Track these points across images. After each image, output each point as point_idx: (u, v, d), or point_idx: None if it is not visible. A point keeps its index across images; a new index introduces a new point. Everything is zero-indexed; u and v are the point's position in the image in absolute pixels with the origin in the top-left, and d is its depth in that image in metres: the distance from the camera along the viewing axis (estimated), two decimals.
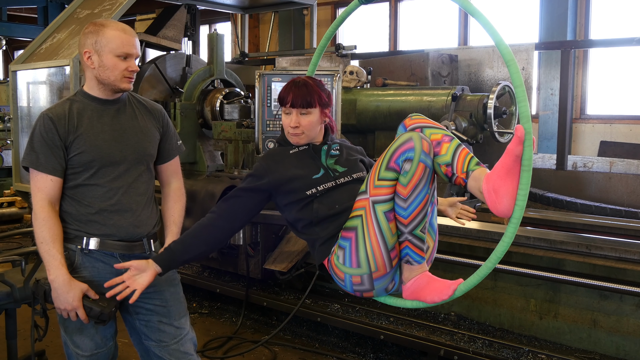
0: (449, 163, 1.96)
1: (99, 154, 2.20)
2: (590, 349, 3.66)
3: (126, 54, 2.20)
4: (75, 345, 2.24)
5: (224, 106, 5.21)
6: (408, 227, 1.95)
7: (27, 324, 4.21)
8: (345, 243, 2.03)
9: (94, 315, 2.13)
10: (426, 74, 5.32)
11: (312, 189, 2.12)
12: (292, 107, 2.16)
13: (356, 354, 4.00)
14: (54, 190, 2.17)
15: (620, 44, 6.68)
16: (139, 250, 2.30)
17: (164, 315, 2.31)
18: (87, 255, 2.22)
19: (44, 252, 2.12)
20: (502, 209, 1.84)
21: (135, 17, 8.02)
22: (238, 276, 4.83)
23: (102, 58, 2.19)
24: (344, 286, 2.09)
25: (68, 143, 2.18)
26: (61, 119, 2.18)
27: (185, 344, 2.35)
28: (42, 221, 2.13)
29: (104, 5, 5.16)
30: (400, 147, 1.91)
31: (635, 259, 3.44)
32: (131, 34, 2.23)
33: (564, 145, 5.37)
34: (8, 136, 7.77)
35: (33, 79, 5.38)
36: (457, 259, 3.88)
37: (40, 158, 2.16)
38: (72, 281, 2.12)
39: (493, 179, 1.85)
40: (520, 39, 8.31)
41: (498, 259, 1.89)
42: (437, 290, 1.99)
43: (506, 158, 1.82)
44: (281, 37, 10.22)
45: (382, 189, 1.95)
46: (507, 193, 1.82)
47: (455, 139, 2.00)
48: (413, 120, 2.07)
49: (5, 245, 6.20)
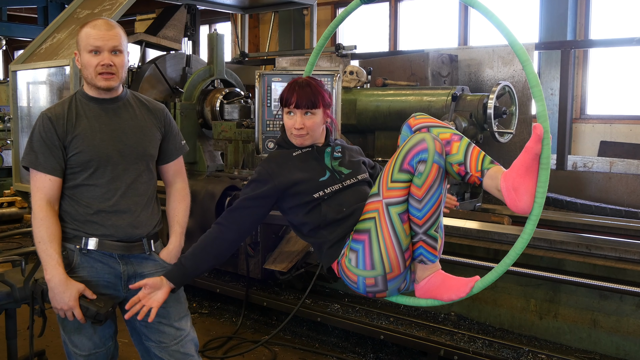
0: (462, 162, 1.96)
1: (96, 154, 2.19)
2: (590, 349, 3.66)
3: (95, 47, 2.15)
4: (74, 345, 2.24)
5: (224, 106, 5.21)
6: (423, 228, 1.95)
7: (27, 324, 4.21)
8: (357, 246, 2.02)
9: (90, 315, 2.13)
10: (426, 74, 5.32)
11: (320, 192, 2.10)
12: (296, 107, 2.13)
13: (356, 354, 4.00)
14: (52, 190, 2.17)
15: (620, 44, 6.67)
16: (138, 251, 2.29)
17: (164, 317, 2.30)
18: (86, 255, 2.21)
19: (42, 251, 2.12)
20: (523, 206, 1.85)
21: (135, 17, 8.02)
22: (238, 276, 4.83)
23: (81, 57, 2.20)
24: (357, 288, 2.08)
25: (67, 143, 2.17)
26: (60, 119, 2.17)
27: (185, 345, 2.34)
28: (40, 221, 2.13)
29: (104, 5, 5.16)
30: (414, 149, 1.90)
31: (635, 259, 3.43)
32: (101, 28, 2.17)
33: (564, 145, 5.37)
34: (8, 136, 7.78)
35: (33, 79, 5.38)
36: (457, 259, 3.87)
37: (39, 158, 2.16)
38: (69, 281, 2.11)
39: (512, 177, 1.85)
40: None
41: (517, 255, 1.90)
42: (453, 288, 2.00)
43: (525, 156, 1.82)
44: (281, 37, 10.22)
45: (395, 191, 1.94)
46: (526, 191, 1.84)
47: (464, 137, 2.00)
48: (418, 120, 2.07)
49: (5, 245, 6.20)
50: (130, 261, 2.28)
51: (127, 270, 2.27)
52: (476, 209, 4.73)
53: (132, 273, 2.28)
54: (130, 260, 2.28)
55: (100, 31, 2.16)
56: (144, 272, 2.30)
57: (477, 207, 4.77)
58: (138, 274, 2.29)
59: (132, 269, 2.28)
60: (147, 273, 2.30)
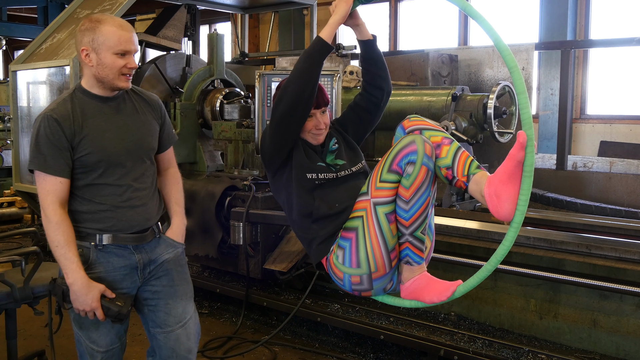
0: (450, 166, 1.98)
1: (105, 155, 2.20)
2: (590, 349, 3.66)
3: (124, 50, 2.16)
4: (92, 341, 2.26)
5: (224, 106, 5.21)
6: (409, 229, 1.97)
7: (27, 324, 4.22)
8: (345, 243, 2.04)
9: (112, 315, 2.18)
10: (426, 74, 5.33)
11: (313, 174, 2.13)
12: (316, 108, 2.16)
13: (356, 354, 4.00)
14: (63, 192, 2.16)
15: (620, 44, 6.67)
16: (150, 238, 2.33)
17: (171, 296, 2.36)
18: (101, 251, 2.23)
19: (60, 255, 2.13)
20: (504, 212, 1.87)
21: (135, 17, 8.03)
22: (238, 276, 4.83)
23: (100, 56, 2.15)
24: (343, 285, 2.11)
25: (75, 144, 2.16)
26: (66, 120, 2.15)
27: (189, 328, 2.40)
28: (56, 225, 2.12)
29: (104, 5, 5.16)
30: (403, 150, 1.92)
31: (635, 259, 3.43)
32: (128, 30, 2.19)
33: (564, 145, 5.37)
34: (8, 136, 7.77)
35: (33, 79, 5.38)
36: (457, 259, 3.87)
37: (49, 160, 2.13)
38: (91, 283, 2.14)
39: (495, 184, 1.87)
40: (520, 39, 8.31)
41: (498, 261, 1.92)
42: (436, 291, 2.01)
43: (508, 163, 1.84)
44: (281, 37, 10.22)
45: (383, 191, 1.96)
46: (508, 197, 1.85)
47: (455, 141, 2.02)
48: (412, 122, 2.09)
49: (5, 245, 6.20)
50: (144, 249, 2.32)
51: (142, 259, 2.31)
52: (476, 209, 4.73)
53: (147, 261, 2.32)
54: (144, 248, 2.31)
55: (129, 33, 2.18)
56: (157, 257, 2.35)
57: (477, 207, 4.77)
58: (152, 261, 2.33)
59: (147, 256, 2.32)
60: (159, 257, 2.35)
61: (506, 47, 1.84)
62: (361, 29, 2.24)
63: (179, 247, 2.42)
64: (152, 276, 2.34)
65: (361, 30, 2.24)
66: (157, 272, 2.35)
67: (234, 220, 4.25)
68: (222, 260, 4.70)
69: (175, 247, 2.40)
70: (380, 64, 2.26)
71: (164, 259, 2.36)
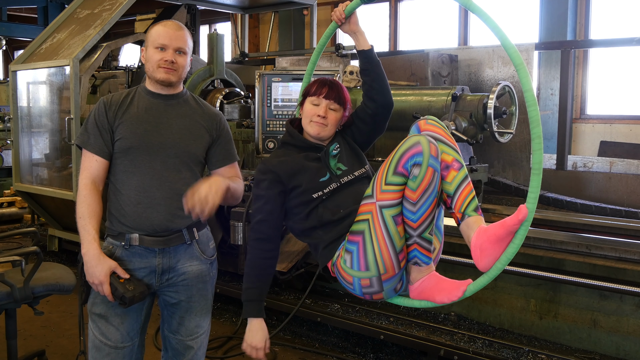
0: (450, 195, 1.99)
1: (136, 142, 2.27)
2: (590, 349, 3.66)
3: (162, 45, 2.27)
4: (101, 333, 2.27)
5: (224, 106, 5.21)
6: (417, 231, 1.96)
7: (27, 324, 4.22)
8: (352, 247, 2.02)
9: (117, 296, 2.18)
10: (426, 74, 5.32)
11: (319, 192, 2.12)
12: (325, 98, 2.17)
13: (356, 354, 4.00)
14: (98, 170, 2.28)
15: (620, 44, 6.66)
16: (178, 242, 2.33)
17: (186, 311, 2.38)
18: (127, 250, 2.29)
19: (80, 227, 2.22)
20: (483, 265, 1.94)
21: (135, 17, 8.02)
22: (238, 276, 4.83)
23: (147, 52, 2.32)
24: (353, 290, 2.08)
25: (114, 127, 2.29)
26: (113, 105, 2.30)
27: (200, 342, 2.43)
28: (83, 197, 2.24)
29: (104, 5, 5.16)
30: (408, 152, 1.91)
31: (635, 259, 3.44)
32: (171, 28, 2.30)
33: (564, 145, 5.36)
34: (8, 136, 7.77)
35: (33, 79, 5.39)
36: (457, 259, 3.88)
37: (90, 138, 2.28)
38: (102, 256, 2.19)
39: (483, 239, 1.92)
40: (520, 39, 8.30)
41: (508, 259, 1.93)
42: (446, 291, 2.01)
43: (501, 228, 1.90)
44: (281, 37, 10.22)
45: (389, 194, 1.95)
46: (490, 255, 1.92)
47: (463, 167, 2.01)
48: (428, 126, 2.08)
49: (5, 245, 6.20)
50: (169, 253, 2.32)
51: (162, 264, 2.31)
52: None
53: (167, 267, 2.32)
54: (168, 252, 2.32)
55: (169, 30, 2.29)
56: (180, 266, 2.34)
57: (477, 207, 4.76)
58: (172, 268, 2.33)
59: (168, 262, 2.32)
60: (182, 267, 2.34)
61: (512, 45, 1.85)
62: (358, 37, 2.25)
63: (205, 262, 2.40)
64: (170, 284, 2.33)
65: (358, 39, 2.25)
66: (176, 282, 2.33)
67: (233, 220, 4.25)
68: (222, 260, 4.69)
69: (201, 261, 2.38)
70: (375, 75, 2.23)
71: (186, 271, 2.34)
